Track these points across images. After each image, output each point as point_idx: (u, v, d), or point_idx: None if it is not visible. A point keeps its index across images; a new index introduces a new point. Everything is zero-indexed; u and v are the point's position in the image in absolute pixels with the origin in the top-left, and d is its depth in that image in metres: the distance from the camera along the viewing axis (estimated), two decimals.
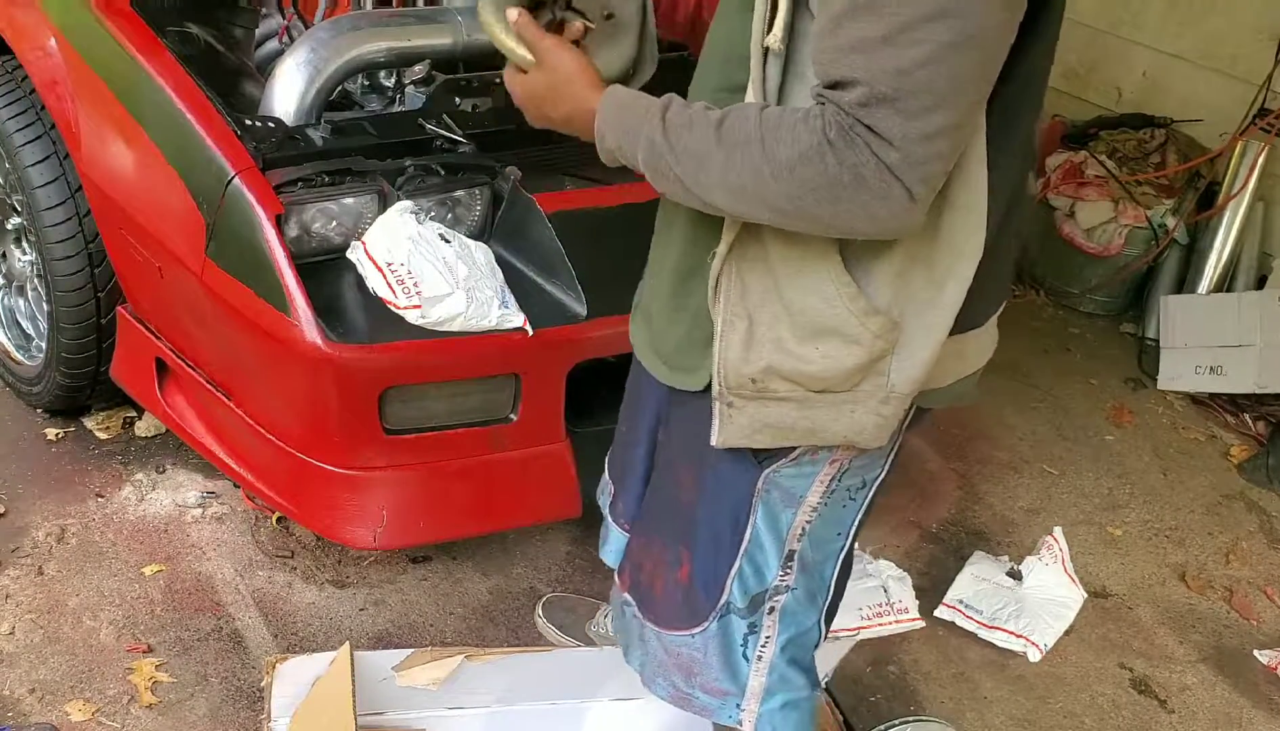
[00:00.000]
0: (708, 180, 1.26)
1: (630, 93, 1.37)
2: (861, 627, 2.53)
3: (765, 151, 1.21)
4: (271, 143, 2.16)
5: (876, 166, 1.16)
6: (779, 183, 1.21)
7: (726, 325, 1.37)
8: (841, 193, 1.18)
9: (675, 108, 1.29)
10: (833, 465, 1.48)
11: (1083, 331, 3.93)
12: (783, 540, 1.54)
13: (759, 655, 1.61)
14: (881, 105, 1.14)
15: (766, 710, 1.64)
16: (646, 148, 1.30)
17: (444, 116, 2.34)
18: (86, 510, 2.54)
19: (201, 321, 2.24)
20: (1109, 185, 3.84)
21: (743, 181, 1.23)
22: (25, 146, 2.42)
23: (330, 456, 2.18)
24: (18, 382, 2.76)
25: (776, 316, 1.34)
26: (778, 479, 1.49)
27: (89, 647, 2.25)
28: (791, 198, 1.21)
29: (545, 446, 2.30)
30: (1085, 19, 4.18)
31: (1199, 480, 3.28)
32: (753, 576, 1.56)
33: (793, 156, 1.19)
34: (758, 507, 1.51)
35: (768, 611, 1.59)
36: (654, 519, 1.67)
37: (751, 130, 1.22)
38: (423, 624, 2.42)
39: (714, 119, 1.25)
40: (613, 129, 1.34)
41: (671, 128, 1.28)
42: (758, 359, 1.36)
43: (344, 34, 2.32)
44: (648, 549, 1.66)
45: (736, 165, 1.23)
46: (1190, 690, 2.60)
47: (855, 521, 1.59)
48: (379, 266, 2.07)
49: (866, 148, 1.16)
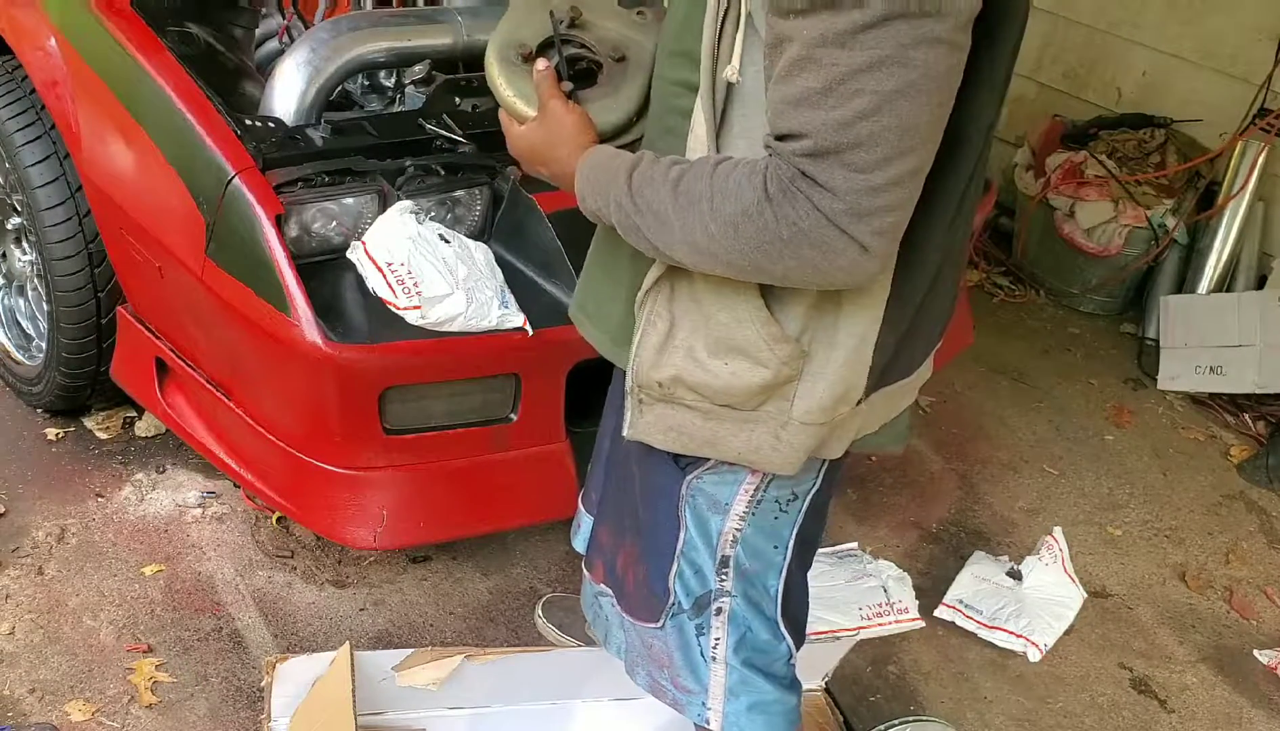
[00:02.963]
0: (670, 238, 1.27)
1: (608, 153, 1.38)
2: (861, 627, 2.53)
3: (713, 210, 1.21)
4: (271, 143, 2.16)
5: (816, 220, 1.15)
6: (727, 240, 1.21)
7: (648, 324, 1.39)
8: (783, 248, 1.18)
9: (642, 167, 1.30)
10: (754, 475, 1.49)
11: (1083, 331, 3.93)
12: (714, 546, 1.55)
13: (713, 656, 1.63)
14: (826, 158, 1.13)
15: (732, 710, 1.65)
16: (616, 209, 1.32)
17: (444, 116, 2.34)
18: (86, 510, 2.54)
19: (201, 321, 2.24)
20: (1109, 185, 3.85)
21: (696, 239, 1.24)
22: (25, 146, 2.42)
23: (330, 456, 2.18)
24: (18, 382, 2.76)
25: (695, 326, 1.36)
26: (700, 485, 1.51)
27: (89, 647, 2.25)
28: (742, 253, 1.22)
29: (545, 446, 2.30)
30: (1085, 19, 4.18)
31: (1199, 480, 3.28)
32: (694, 578, 1.58)
33: (735, 213, 1.20)
34: (685, 512, 1.54)
35: (714, 613, 1.60)
36: (620, 513, 1.69)
37: (703, 189, 1.23)
38: (423, 624, 2.42)
39: (673, 177, 1.26)
40: (590, 191, 1.36)
41: (636, 189, 1.29)
42: (668, 365, 1.38)
43: (344, 34, 2.32)
44: (619, 542, 1.69)
45: (691, 224, 1.24)
46: (1190, 690, 2.60)
47: (792, 535, 1.57)
48: (379, 266, 2.07)
49: (807, 202, 1.15)
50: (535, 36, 1.50)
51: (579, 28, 1.51)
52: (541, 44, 1.50)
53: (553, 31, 1.49)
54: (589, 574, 1.77)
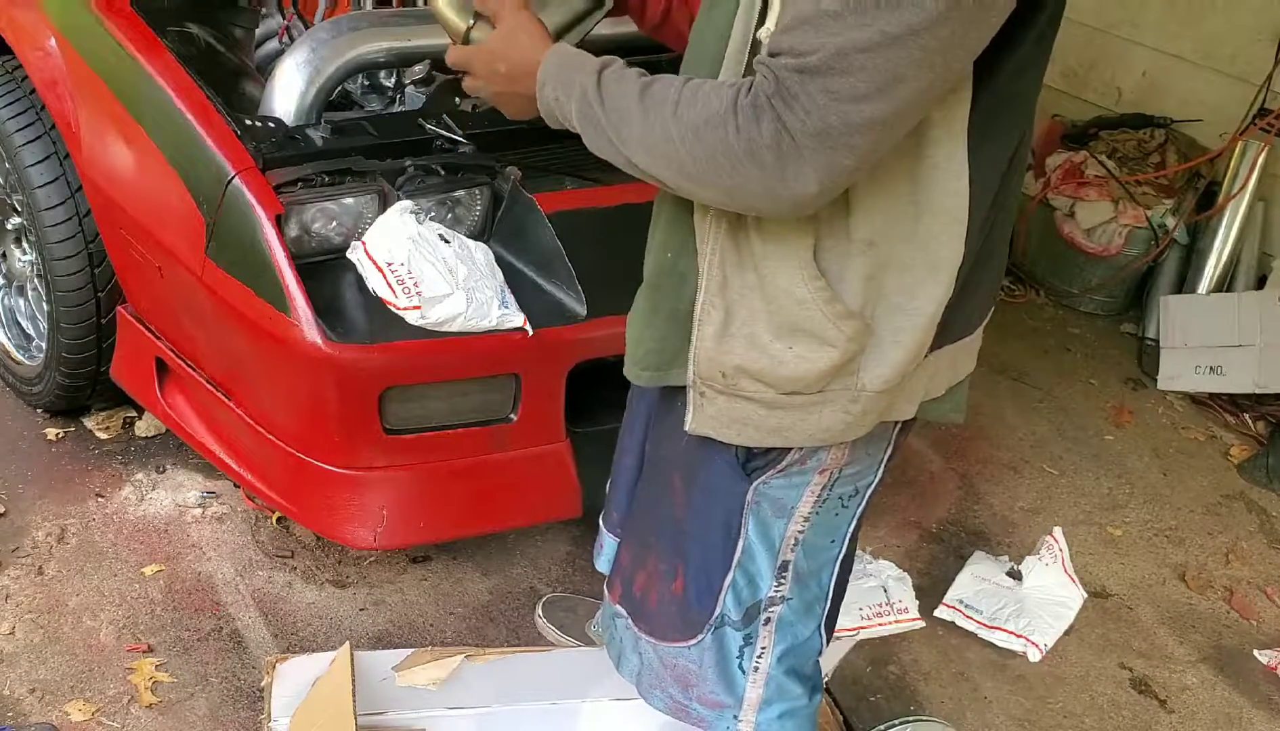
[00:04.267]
0: (629, 135, 1.27)
1: (576, 51, 1.39)
2: (861, 627, 2.52)
3: (676, 114, 1.22)
4: (271, 143, 2.16)
5: (776, 137, 1.15)
6: (686, 145, 1.22)
7: (703, 314, 1.37)
8: (735, 163, 1.19)
9: (614, 67, 1.32)
10: (822, 474, 1.47)
11: (1083, 331, 3.93)
12: (776, 551, 1.53)
13: (755, 667, 1.61)
14: (814, 77, 1.13)
15: (764, 719, 1.64)
16: (579, 98, 1.32)
17: (444, 116, 2.34)
18: (87, 510, 2.54)
19: (201, 321, 2.24)
20: (1109, 185, 3.84)
21: (654, 140, 1.25)
22: (25, 146, 2.42)
23: (330, 456, 2.18)
24: (18, 382, 2.76)
25: (754, 311, 1.34)
26: (767, 490, 1.49)
27: (89, 647, 2.26)
28: (695, 161, 1.22)
29: (545, 446, 2.30)
30: (1084, 19, 4.18)
31: (1199, 480, 3.28)
32: (746, 587, 1.55)
33: (698, 120, 1.21)
34: (749, 519, 1.51)
35: (763, 623, 1.58)
36: (645, 531, 1.66)
37: (671, 93, 1.24)
38: (423, 623, 2.42)
39: (644, 82, 1.28)
40: (552, 80, 1.36)
41: (605, 82, 1.30)
42: (730, 353, 1.36)
43: (344, 34, 2.32)
44: (641, 561, 1.65)
45: (651, 123, 1.25)
46: (1190, 690, 2.60)
47: (849, 528, 1.58)
48: (379, 266, 2.07)
49: (774, 120, 1.15)
50: None
51: None
52: None
53: None
54: (608, 594, 1.74)
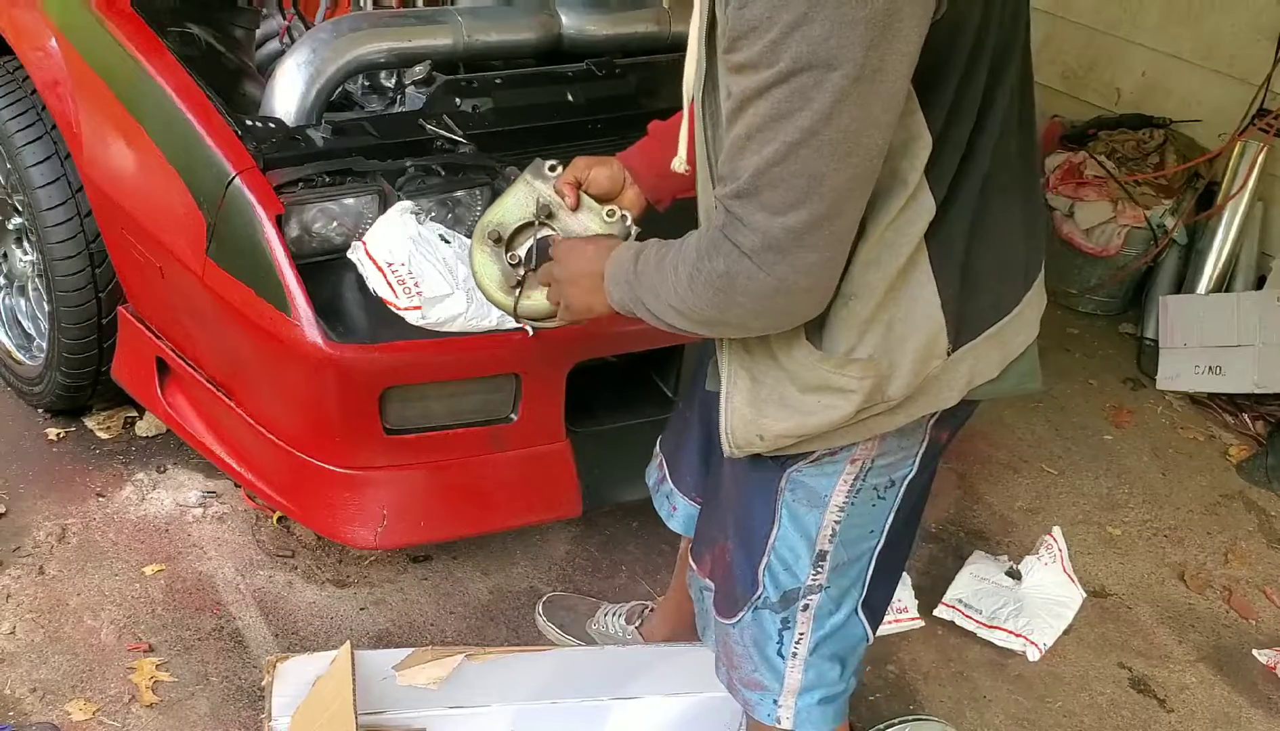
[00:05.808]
0: (660, 305, 1.38)
1: (625, 246, 1.50)
2: None
3: (676, 275, 1.33)
4: (272, 143, 2.16)
5: (735, 261, 1.24)
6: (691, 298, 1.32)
7: (730, 381, 1.46)
8: (723, 298, 1.28)
9: (647, 251, 1.42)
10: (854, 464, 1.50)
11: (1082, 331, 3.93)
12: (813, 541, 1.56)
13: (794, 652, 1.63)
14: (748, 199, 1.21)
15: (803, 705, 1.66)
16: (627, 289, 1.43)
17: (444, 117, 2.35)
18: (87, 510, 2.55)
19: (202, 321, 2.25)
20: (1108, 185, 3.84)
21: (674, 302, 1.35)
22: (26, 147, 2.42)
23: (331, 456, 2.18)
24: (19, 382, 2.77)
25: (779, 379, 1.41)
26: (799, 478, 1.52)
27: (90, 647, 2.26)
28: (702, 309, 1.32)
29: (545, 446, 2.30)
30: (1084, 19, 4.18)
31: (1198, 480, 3.28)
32: (784, 572, 1.58)
33: (685, 275, 1.31)
34: (782, 507, 1.54)
35: (801, 608, 1.60)
36: (713, 507, 1.73)
37: (673, 258, 1.35)
38: (423, 623, 2.42)
39: (661, 253, 1.38)
40: (611, 283, 1.47)
41: (640, 269, 1.41)
42: (764, 420, 1.43)
43: (344, 35, 2.32)
44: (711, 538, 1.71)
45: (669, 289, 1.35)
46: (1189, 689, 2.60)
47: (888, 520, 1.58)
48: (379, 266, 2.07)
49: (731, 247, 1.24)
50: (516, 221, 1.68)
51: (554, 218, 1.68)
52: (521, 226, 1.68)
53: (533, 217, 1.67)
54: (695, 566, 1.76)
